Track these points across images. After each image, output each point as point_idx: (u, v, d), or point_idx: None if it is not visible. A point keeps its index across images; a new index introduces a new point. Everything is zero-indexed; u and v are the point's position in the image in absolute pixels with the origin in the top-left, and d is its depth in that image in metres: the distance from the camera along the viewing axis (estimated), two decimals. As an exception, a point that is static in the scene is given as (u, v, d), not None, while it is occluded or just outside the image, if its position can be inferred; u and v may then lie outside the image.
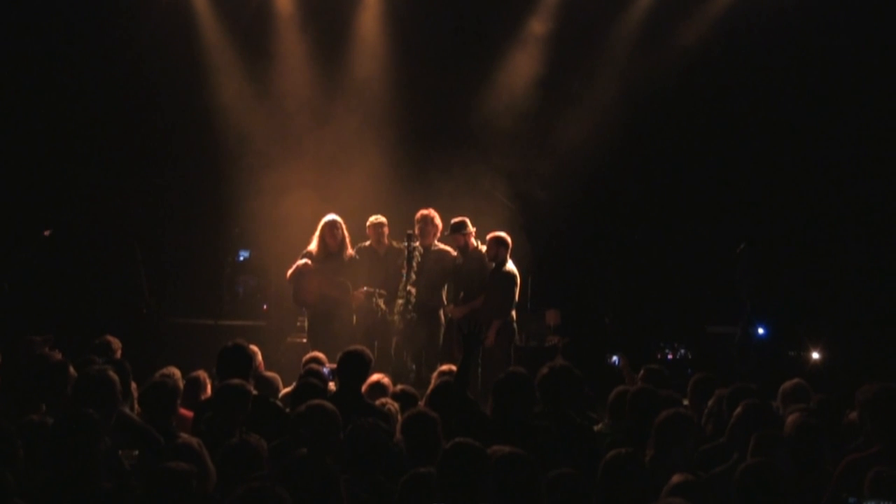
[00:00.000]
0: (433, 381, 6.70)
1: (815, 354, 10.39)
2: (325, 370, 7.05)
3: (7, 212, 11.24)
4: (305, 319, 10.21)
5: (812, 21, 11.10)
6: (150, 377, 6.17)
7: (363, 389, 6.41)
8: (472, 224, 9.74)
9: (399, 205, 10.45)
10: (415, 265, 9.59)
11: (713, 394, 6.23)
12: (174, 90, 11.57)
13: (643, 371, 7.01)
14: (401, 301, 9.56)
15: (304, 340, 9.99)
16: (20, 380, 5.96)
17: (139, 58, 11.39)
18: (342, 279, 9.46)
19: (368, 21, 11.78)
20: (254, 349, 6.85)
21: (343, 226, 9.58)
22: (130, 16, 11.30)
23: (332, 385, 6.88)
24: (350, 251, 9.63)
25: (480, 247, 9.74)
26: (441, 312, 9.83)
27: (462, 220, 9.70)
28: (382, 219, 9.86)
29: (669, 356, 10.85)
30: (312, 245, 9.58)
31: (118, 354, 7.14)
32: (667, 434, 5.25)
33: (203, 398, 6.75)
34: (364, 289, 9.53)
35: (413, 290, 9.55)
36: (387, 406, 6.15)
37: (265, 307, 11.97)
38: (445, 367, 7.11)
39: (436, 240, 9.78)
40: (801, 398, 6.22)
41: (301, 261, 9.51)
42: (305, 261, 9.50)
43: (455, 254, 9.82)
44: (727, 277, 10.42)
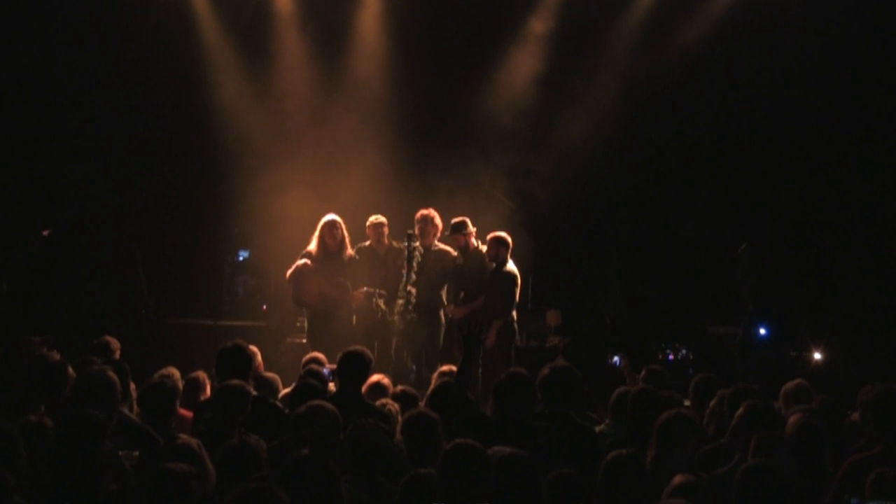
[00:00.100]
0: (433, 382, 6.67)
1: (817, 355, 10.37)
2: (325, 371, 7.03)
3: (5, 212, 11.21)
4: (305, 320, 10.20)
5: (813, 20, 11.09)
6: (150, 378, 6.15)
7: (363, 390, 6.39)
8: (472, 223, 9.72)
9: (399, 203, 10.44)
10: (415, 265, 9.57)
11: (715, 394, 6.21)
12: (173, 90, 11.55)
13: (644, 372, 7.00)
14: (401, 301, 9.55)
15: (304, 341, 9.98)
16: (19, 380, 5.93)
17: (138, 57, 11.37)
18: (342, 279, 9.44)
19: (368, 20, 11.77)
20: (253, 350, 6.83)
21: (342, 226, 9.56)
22: (129, 15, 11.27)
23: (332, 386, 6.85)
24: (350, 251, 9.61)
25: (481, 247, 9.72)
26: (441, 313, 9.82)
27: (462, 220, 9.68)
28: (382, 219, 9.84)
29: (671, 357, 10.85)
30: (312, 245, 9.56)
31: (117, 355, 7.12)
32: (668, 435, 5.23)
33: (202, 399, 6.73)
34: (364, 289, 9.52)
35: (413, 291, 9.54)
36: (387, 407, 6.13)
37: (265, 307, 11.97)
38: (446, 368, 7.09)
39: (436, 240, 9.77)
40: (803, 399, 6.19)
41: (300, 261, 9.49)
42: (305, 261, 9.48)
43: (455, 254, 9.81)
44: (729, 277, 10.40)
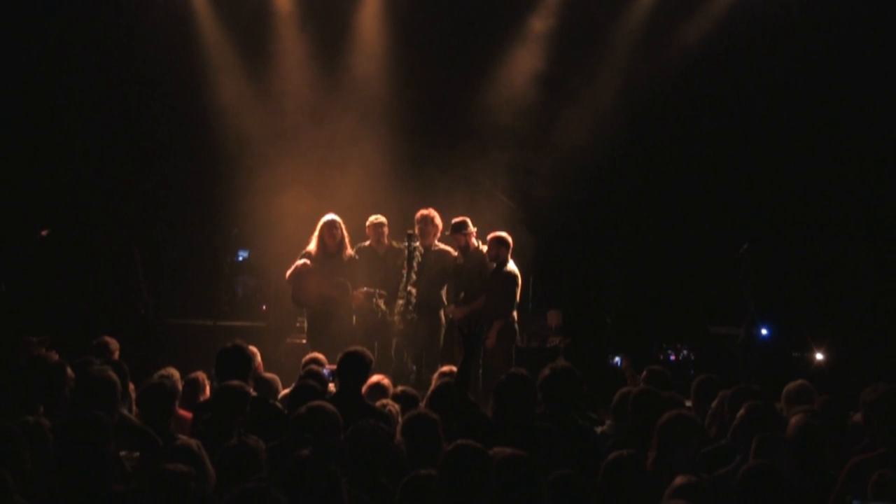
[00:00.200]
0: (434, 383, 6.63)
1: (819, 355, 10.35)
2: (325, 371, 7.00)
3: (4, 212, 11.19)
4: (305, 320, 10.17)
5: (815, 19, 11.06)
6: (149, 378, 6.11)
7: (363, 391, 6.37)
8: (472, 222, 9.69)
9: (399, 202, 10.42)
10: (415, 265, 9.55)
11: (717, 395, 6.18)
12: (172, 89, 11.54)
13: (646, 372, 6.96)
14: (401, 301, 9.53)
15: (304, 341, 9.95)
16: (17, 381, 5.90)
17: (137, 57, 11.35)
18: (341, 279, 9.41)
19: (368, 18, 11.75)
20: (253, 350, 6.80)
21: (342, 225, 9.54)
22: (128, 14, 11.25)
23: (332, 386, 6.83)
24: (349, 251, 9.58)
25: (481, 247, 9.69)
26: (441, 313, 9.80)
27: (463, 220, 9.66)
28: (382, 219, 9.82)
29: (672, 357, 10.82)
30: (311, 245, 9.54)
31: (116, 355, 7.11)
32: (669, 436, 5.20)
33: (202, 399, 6.72)
34: (364, 289, 9.50)
35: (413, 291, 9.52)
36: (387, 407, 6.10)
37: (264, 308, 11.94)
38: (446, 369, 7.05)
39: (436, 240, 9.74)
40: (805, 399, 6.17)
41: (300, 261, 9.47)
42: (304, 261, 9.45)
43: (456, 254, 9.78)
44: (730, 277, 10.36)
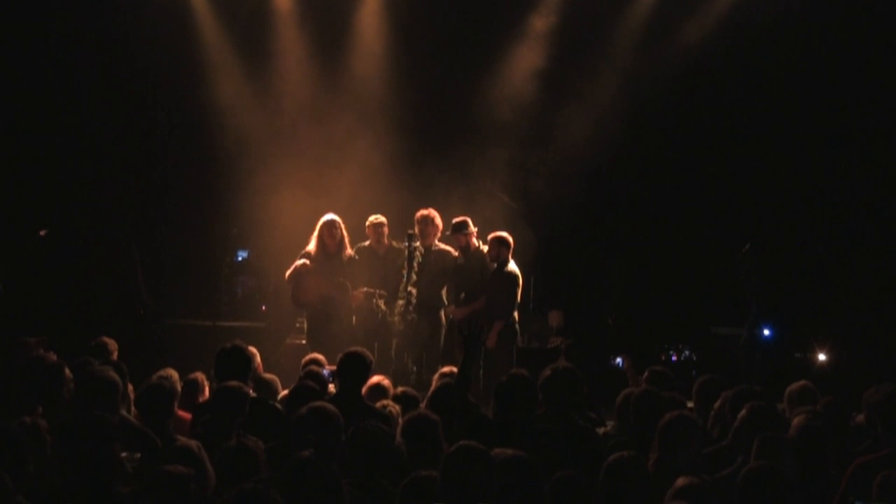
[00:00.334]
0: (434, 383, 6.62)
1: (822, 356, 10.33)
2: (325, 372, 6.98)
3: (2, 211, 11.16)
4: (304, 320, 10.15)
5: (817, 18, 11.04)
6: (147, 379, 6.09)
7: (363, 391, 6.35)
8: (472, 220, 9.66)
9: (399, 201, 10.40)
10: (416, 265, 9.52)
11: (719, 396, 6.16)
12: (171, 88, 11.53)
13: (647, 373, 6.94)
14: (401, 302, 9.51)
15: (304, 342, 9.93)
16: (15, 382, 5.87)
17: (135, 56, 11.32)
18: (341, 279, 9.39)
19: (367, 17, 11.73)
20: (252, 350, 6.77)
21: (342, 225, 9.52)
22: (127, 13, 11.22)
23: (332, 387, 6.80)
24: (349, 251, 9.56)
25: (482, 247, 9.66)
26: (442, 313, 9.78)
27: (463, 220, 9.63)
28: (382, 218, 9.80)
29: (674, 358, 10.80)
30: (311, 245, 9.51)
31: (114, 356, 7.09)
32: (671, 436, 5.17)
33: (201, 400, 6.69)
34: (364, 289, 9.48)
35: (414, 291, 9.50)
36: (388, 408, 6.07)
37: (264, 308, 11.93)
38: (446, 369, 7.04)
39: (436, 240, 9.72)
40: (808, 400, 6.14)
41: (300, 261, 9.45)
42: (304, 261, 9.43)
43: (456, 254, 9.75)
44: (732, 277, 10.33)
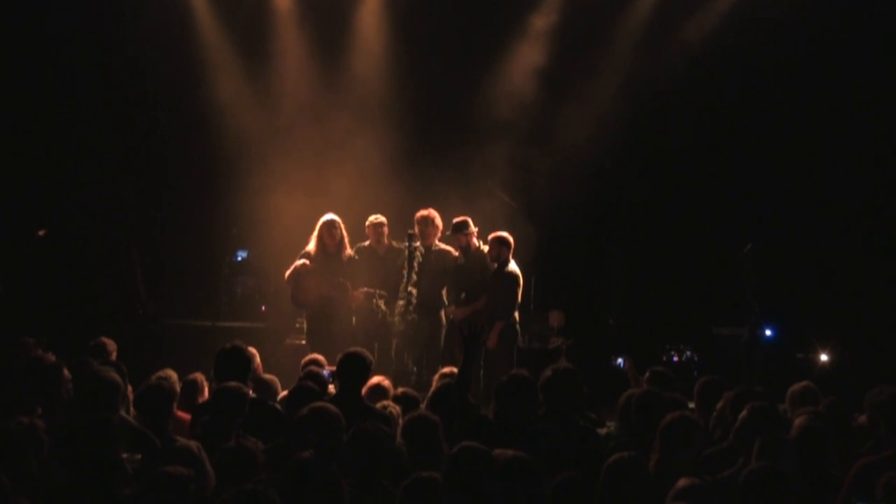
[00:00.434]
0: (434, 384, 6.61)
1: (824, 356, 10.32)
2: (325, 372, 6.96)
3: (2, 212, 11.14)
4: (304, 321, 10.14)
5: (818, 17, 11.01)
6: (147, 380, 6.09)
7: (363, 392, 6.33)
8: (471, 219, 9.65)
9: (399, 200, 10.39)
10: (416, 265, 9.50)
11: (720, 397, 6.13)
12: (171, 88, 11.52)
13: (648, 373, 6.92)
14: (401, 302, 9.50)
15: (303, 342, 9.93)
16: (13, 382, 5.86)
17: (135, 56, 11.31)
18: (341, 280, 9.39)
19: (367, 16, 11.73)
20: (252, 351, 6.77)
21: (342, 225, 9.51)
22: (127, 13, 11.21)
23: (332, 388, 6.78)
24: (349, 251, 9.56)
25: (482, 247, 9.65)
26: (442, 313, 9.77)
27: (464, 220, 9.62)
28: (382, 219, 9.79)
29: (675, 358, 10.79)
30: (311, 245, 9.50)
31: (113, 356, 7.10)
32: (672, 437, 5.16)
33: (200, 401, 6.68)
34: (363, 289, 9.47)
35: (414, 291, 9.49)
36: (388, 409, 6.06)
37: (263, 308, 11.92)
38: (447, 370, 7.02)
39: (437, 240, 9.70)
40: (810, 401, 6.14)
41: (299, 261, 9.44)
42: (304, 261, 9.42)
43: (456, 254, 9.74)
44: (734, 278, 10.32)
